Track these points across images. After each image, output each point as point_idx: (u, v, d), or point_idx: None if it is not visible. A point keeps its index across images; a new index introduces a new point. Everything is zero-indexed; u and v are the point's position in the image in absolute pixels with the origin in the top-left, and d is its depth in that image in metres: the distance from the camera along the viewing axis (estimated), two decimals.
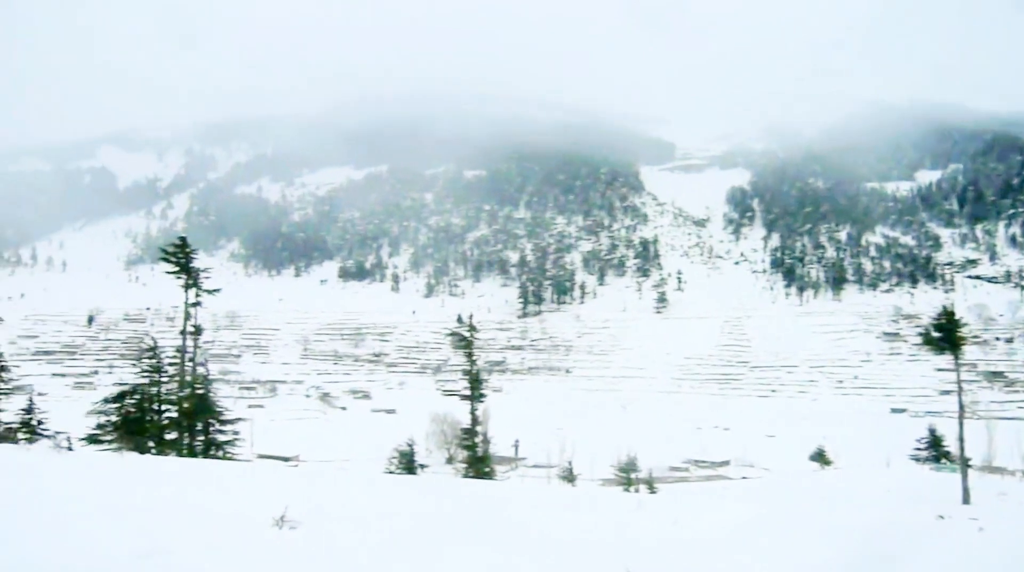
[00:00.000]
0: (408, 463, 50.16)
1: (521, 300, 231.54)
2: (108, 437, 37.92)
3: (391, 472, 45.05)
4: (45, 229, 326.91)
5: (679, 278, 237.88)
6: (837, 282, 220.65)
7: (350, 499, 12.18)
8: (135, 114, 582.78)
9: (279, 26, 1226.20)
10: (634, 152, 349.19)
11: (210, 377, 40.87)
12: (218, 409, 39.00)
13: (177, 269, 39.43)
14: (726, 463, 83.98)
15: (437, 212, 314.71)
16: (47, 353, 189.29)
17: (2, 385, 41.43)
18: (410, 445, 51.60)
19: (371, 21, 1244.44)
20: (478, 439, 48.01)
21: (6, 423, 39.90)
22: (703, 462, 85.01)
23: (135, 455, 14.97)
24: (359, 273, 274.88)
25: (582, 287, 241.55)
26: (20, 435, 38.74)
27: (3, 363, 42.93)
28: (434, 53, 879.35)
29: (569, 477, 53.08)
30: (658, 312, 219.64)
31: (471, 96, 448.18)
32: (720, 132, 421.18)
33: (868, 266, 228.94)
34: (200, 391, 38.43)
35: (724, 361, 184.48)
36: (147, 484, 11.15)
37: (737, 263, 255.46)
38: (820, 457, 71.38)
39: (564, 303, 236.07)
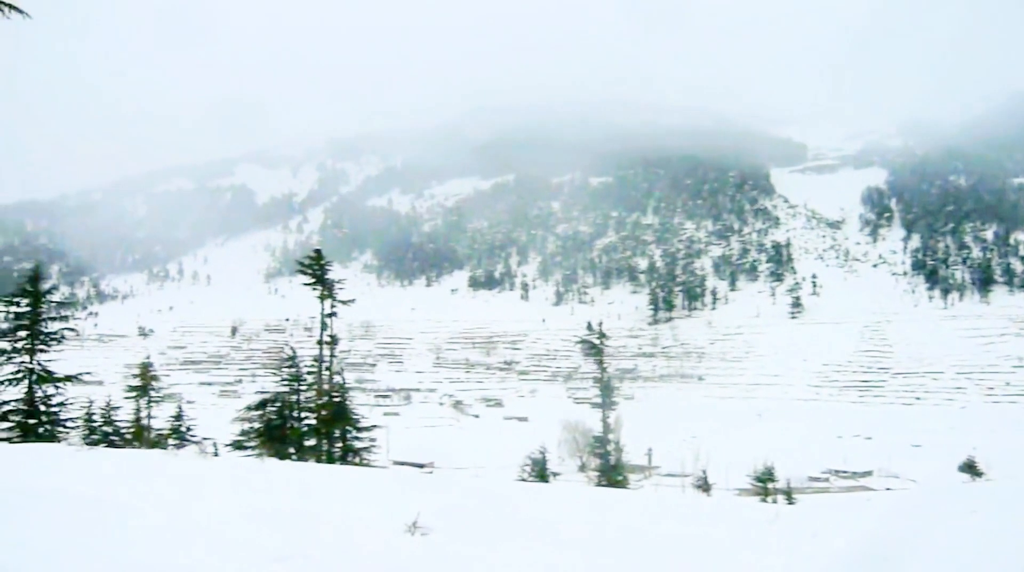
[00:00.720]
0: (540, 471, 50.09)
1: (651, 307, 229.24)
2: (251, 443, 39.30)
3: (523, 480, 45.05)
4: (191, 245, 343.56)
5: (814, 282, 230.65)
6: (984, 284, 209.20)
7: (483, 507, 12.12)
8: (271, 133, 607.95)
9: (405, 41, 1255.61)
10: (764, 154, 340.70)
11: (347, 385, 41.76)
12: (355, 416, 39.83)
13: (313, 281, 40.47)
14: (868, 473, 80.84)
15: (564, 220, 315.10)
16: (194, 362, 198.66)
17: (154, 393, 43.42)
18: (542, 453, 51.53)
19: (496, 33, 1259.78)
20: (610, 447, 47.54)
21: (157, 429, 41.86)
22: (844, 472, 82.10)
23: (275, 461, 15.39)
24: (489, 282, 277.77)
25: (713, 293, 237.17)
26: (170, 441, 40.60)
27: (154, 373, 45.01)
28: (558, 62, 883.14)
29: (704, 486, 51.92)
30: (793, 317, 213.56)
31: (596, 103, 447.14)
32: (853, 130, 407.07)
33: (1018, 266, 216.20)
34: (337, 399, 39.32)
35: (864, 367, 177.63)
36: (286, 489, 11.36)
37: (875, 266, 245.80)
38: (970, 468, 67.51)
39: (695, 309, 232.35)
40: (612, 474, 45.30)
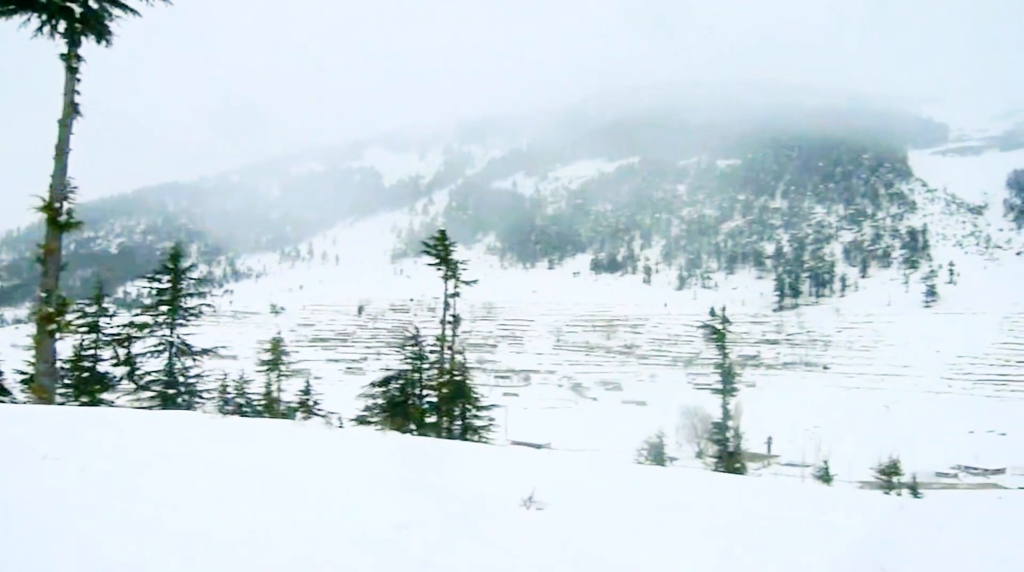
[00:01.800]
0: (658, 455, 49.85)
1: (777, 293, 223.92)
2: (375, 418, 40.45)
3: (640, 463, 44.89)
4: (321, 226, 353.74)
5: (951, 270, 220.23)
6: None
7: (599, 486, 12.16)
8: (399, 116, 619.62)
9: (531, 22, 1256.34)
10: (901, 135, 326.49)
11: (468, 365, 42.41)
12: (475, 395, 40.46)
13: (437, 261, 41.15)
14: (1001, 471, 77.26)
15: (690, 203, 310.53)
16: (322, 340, 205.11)
17: (283, 368, 45.11)
18: (660, 437, 51.28)
19: (620, 10, 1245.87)
20: (729, 434, 46.80)
21: (286, 402, 43.52)
22: (974, 469, 78.72)
23: (395, 434, 15.80)
24: (611, 265, 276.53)
25: (843, 279, 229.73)
26: (299, 413, 42.14)
27: (284, 348, 46.75)
28: (685, 42, 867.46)
29: (825, 477, 50.59)
30: (927, 306, 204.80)
31: (724, 83, 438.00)
32: (1000, 110, 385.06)
33: None
34: (458, 378, 39.97)
35: (1002, 360, 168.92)
36: (405, 461, 11.66)
37: (1020, 253, 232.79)
38: None
39: (823, 296, 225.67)
40: (730, 461, 44.61)
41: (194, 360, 35.62)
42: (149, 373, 35.34)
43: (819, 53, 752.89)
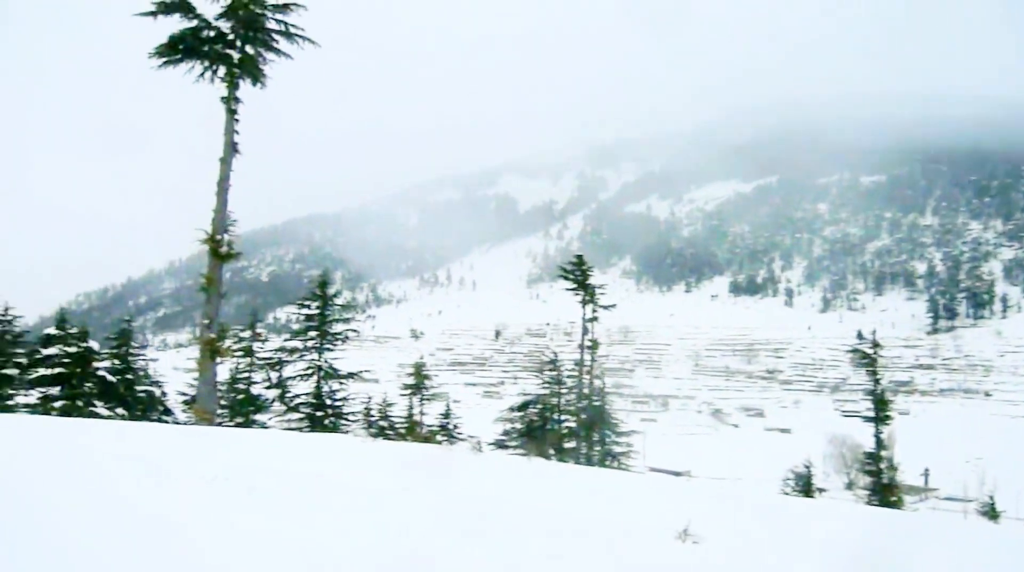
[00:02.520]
0: (805, 486, 48.03)
1: (930, 315, 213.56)
2: (513, 443, 40.70)
3: (786, 494, 43.40)
4: (458, 252, 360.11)
5: None
6: None
7: (751, 519, 11.80)
8: (531, 143, 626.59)
9: (657, 46, 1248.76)
10: None
11: (606, 390, 42.17)
12: (613, 421, 40.22)
13: (575, 286, 41.24)
14: None
15: (832, 222, 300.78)
16: (460, 364, 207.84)
17: (425, 392, 45.94)
18: (807, 467, 49.38)
19: (751, 28, 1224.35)
20: (882, 465, 44.69)
21: (428, 426, 44.29)
22: None
23: (542, 460, 15.80)
24: (750, 288, 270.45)
25: (1004, 300, 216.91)
26: (439, 437, 42.82)
27: (426, 372, 47.63)
28: (820, 56, 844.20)
29: (991, 513, 47.56)
30: None
31: (864, 97, 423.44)
32: None
33: None
34: (597, 403, 39.79)
35: None
36: (552, 488, 11.64)
37: None
38: None
39: (982, 317, 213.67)
40: (886, 494, 42.53)
41: (340, 383, 36.74)
42: (298, 396, 36.68)
43: (968, 61, 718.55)
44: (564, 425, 40.30)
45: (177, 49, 23.86)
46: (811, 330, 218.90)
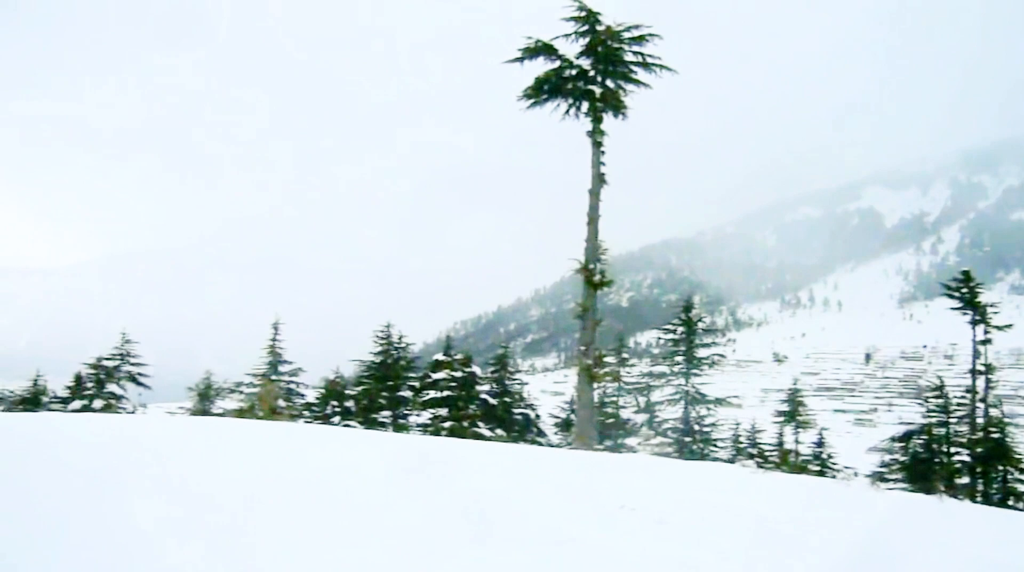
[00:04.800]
0: None
1: None
2: (893, 476, 37.80)
3: None
4: (820, 272, 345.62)
5: None
6: None
7: None
8: (896, 152, 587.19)
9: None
10: None
11: (1005, 420, 37.80)
12: (1017, 456, 35.86)
13: (962, 305, 37.70)
14: None
15: None
16: (827, 389, 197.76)
17: (799, 419, 44.27)
18: None
19: None
20: None
21: (802, 456, 42.49)
22: None
23: (947, 498, 14.35)
24: None
25: None
26: (812, 467, 40.88)
27: (801, 398, 45.93)
28: None
29: None
30: None
31: None
32: None
33: None
34: (996, 435, 35.82)
35: None
36: (981, 536, 10.50)
37: None
38: None
39: None
40: None
41: (708, 409, 36.40)
42: (666, 420, 36.86)
43: None
44: (955, 459, 36.71)
45: (543, 90, 25.22)
46: None
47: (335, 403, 38.85)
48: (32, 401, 42.86)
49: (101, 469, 7.28)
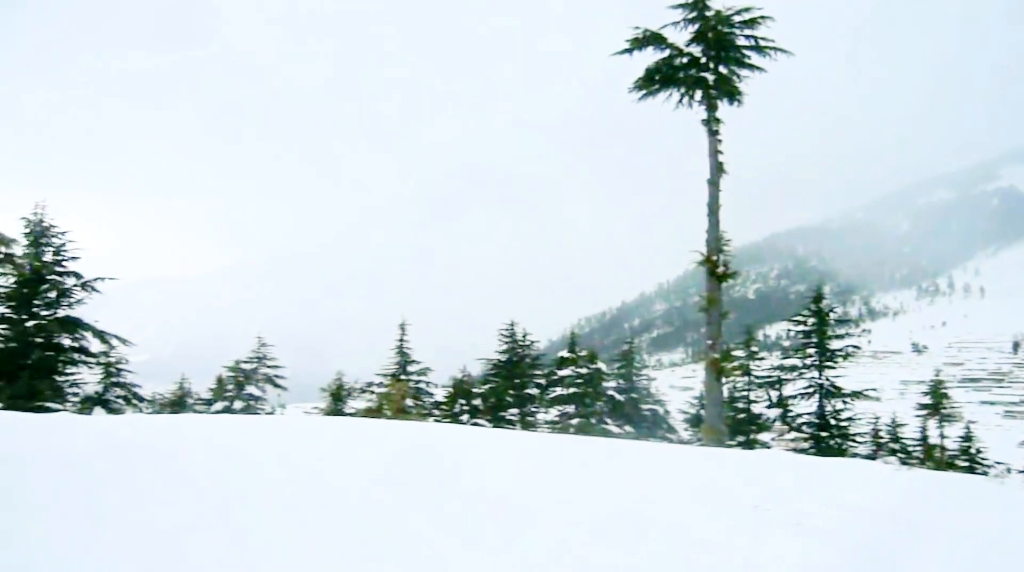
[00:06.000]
0: None
1: None
2: None
3: None
4: (958, 257, 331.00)
5: None
6: None
7: None
8: None
9: None
10: None
11: None
12: None
13: None
14: None
15: None
16: (973, 380, 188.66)
17: (945, 412, 42.34)
18: None
19: None
20: None
21: (949, 450, 40.59)
22: None
23: None
24: None
25: None
26: (960, 463, 38.97)
27: (945, 390, 43.88)
28: None
29: None
30: None
31: None
32: None
33: None
34: None
35: None
36: None
37: None
38: None
39: None
40: None
41: (844, 402, 35.08)
42: (800, 415, 35.70)
43: None
44: None
45: (654, 80, 24.78)
46: None
47: (463, 401, 39.22)
48: (178, 404, 44.91)
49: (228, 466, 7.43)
